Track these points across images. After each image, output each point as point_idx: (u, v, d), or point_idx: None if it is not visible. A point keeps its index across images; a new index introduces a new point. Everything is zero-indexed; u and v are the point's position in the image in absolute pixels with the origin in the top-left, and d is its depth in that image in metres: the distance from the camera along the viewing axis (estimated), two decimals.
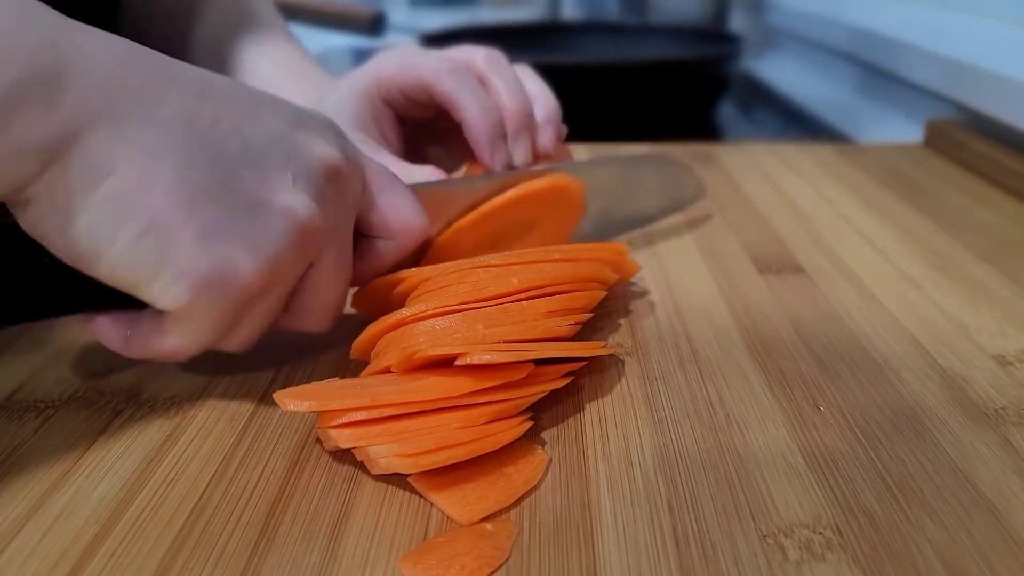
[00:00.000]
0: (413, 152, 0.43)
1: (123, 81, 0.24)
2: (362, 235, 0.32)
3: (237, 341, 0.28)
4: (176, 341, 0.27)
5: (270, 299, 0.28)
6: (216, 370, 0.32)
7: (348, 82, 0.42)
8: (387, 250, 0.32)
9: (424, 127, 0.44)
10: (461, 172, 0.44)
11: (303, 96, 0.43)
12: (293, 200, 0.27)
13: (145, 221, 0.24)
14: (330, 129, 0.30)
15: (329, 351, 0.34)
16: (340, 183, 0.29)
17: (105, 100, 0.24)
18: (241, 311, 0.27)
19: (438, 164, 0.40)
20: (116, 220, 0.24)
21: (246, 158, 0.26)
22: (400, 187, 0.32)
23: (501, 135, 0.39)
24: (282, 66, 0.48)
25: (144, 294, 0.25)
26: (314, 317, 0.30)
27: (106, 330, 0.28)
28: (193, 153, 0.25)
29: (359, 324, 0.36)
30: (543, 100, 0.41)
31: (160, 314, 0.26)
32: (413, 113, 0.42)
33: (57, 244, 0.24)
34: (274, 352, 0.33)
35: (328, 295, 0.30)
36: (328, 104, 0.41)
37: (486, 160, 0.39)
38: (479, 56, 0.40)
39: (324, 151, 0.28)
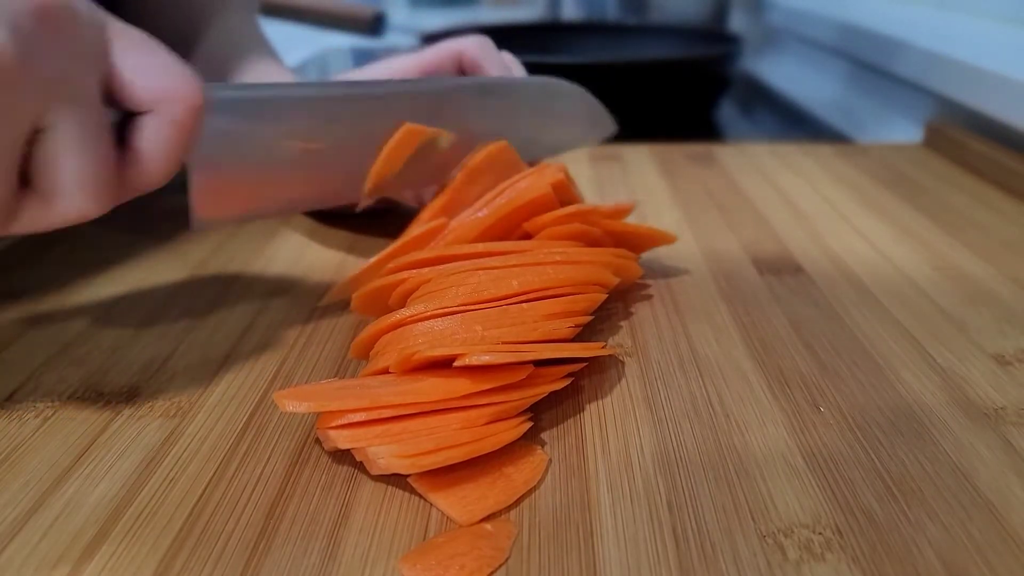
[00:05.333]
0: None
1: None
2: (128, 120, 0.28)
3: None
4: None
5: None
6: (216, 370, 0.32)
7: (359, 73, 0.43)
8: (154, 129, 0.27)
9: None
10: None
11: None
12: None
13: None
14: None
15: (329, 350, 0.34)
16: (53, 25, 0.25)
17: None
18: None
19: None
20: None
21: None
22: (154, 48, 0.28)
23: None
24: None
25: None
26: (65, 195, 0.26)
27: None
28: None
29: (359, 323, 0.36)
30: None
31: None
32: None
33: None
34: (272, 351, 0.34)
35: (74, 165, 0.26)
36: None
37: None
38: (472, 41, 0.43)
39: None
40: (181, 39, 0.50)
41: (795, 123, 0.88)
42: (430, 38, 0.92)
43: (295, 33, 1.03)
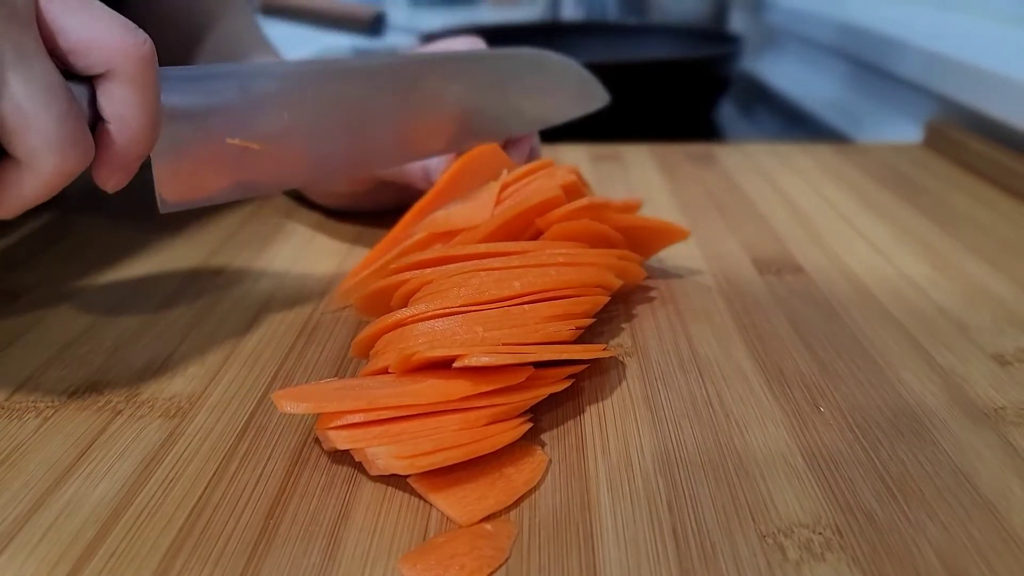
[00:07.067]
0: None
1: None
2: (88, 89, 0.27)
3: None
4: None
5: None
6: (216, 370, 0.32)
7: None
8: (115, 90, 0.27)
9: None
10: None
11: None
12: None
13: None
14: None
15: (329, 350, 0.34)
16: None
17: None
18: None
19: None
20: None
21: None
22: (95, 5, 0.27)
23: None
24: None
25: None
26: (39, 155, 0.25)
27: None
28: None
29: (360, 323, 0.36)
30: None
31: None
32: None
33: None
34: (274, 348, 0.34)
35: (39, 120, 0.25)
36: None
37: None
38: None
39: None
40: (184, 43, 0.50)
41: (795, 123, 0.88)
42: (430, 38, 0.92)
43: (295, 33, 1.03)
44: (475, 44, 0.42)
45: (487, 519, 0.24)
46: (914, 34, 0.75)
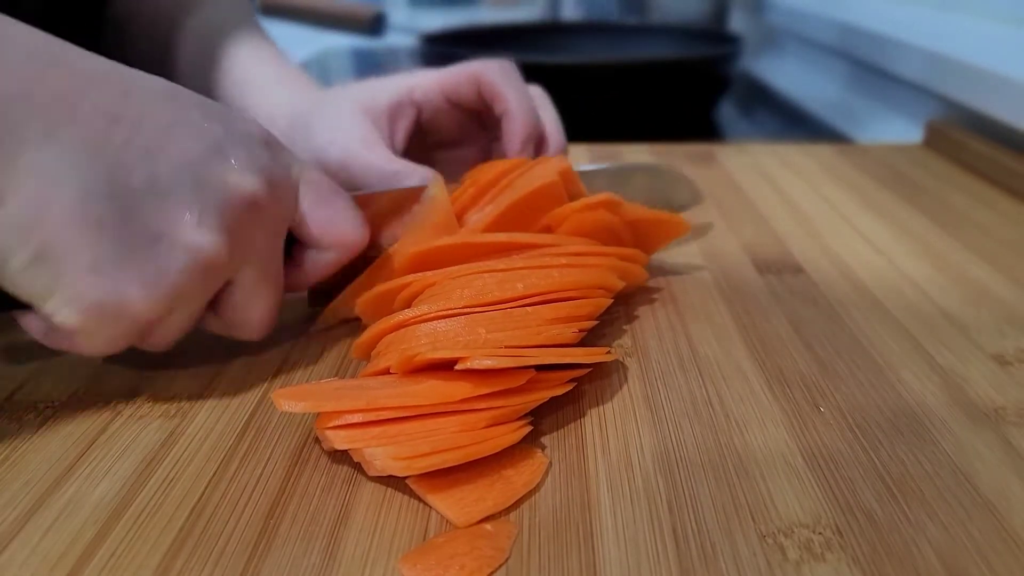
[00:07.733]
0: (420, 158, 0.44)
1: (28, 100, 0.24)
2: (300, 242, 0.32)
3: (155, 345, 0.29)
4: (85, 346, 0.27)
5: (180, 314, 0.28)
6: (216, 370, 0.32)
7: (379, 84, 0.43)
8: (323, 261, 0.32)
9: (436, 137, 0.45)
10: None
11: (292, 104, 0.44)
12: (197, 237, 0.27)
13: (37, 248, 0.24)
14: (258, 146, 0.29)
15: (329, 350, 0.34)
16: (257, 211, 0.29)
17: (6, 122, 0.24)
18: (145, 329, 0.27)
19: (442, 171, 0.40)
20: (10, 244, 0.24)
21: (150, 190, 0.26)
22: (337, 200, 0.32)
23: (535, 134, 0.40)
24: (272, 72, 0.48)
25: (40, 310, 0.26)
26: (243, 329, 0.31)
27: (31, 324, 0.28)
28: (94, 182, 0.25)
29: (360, 323, 0.36)
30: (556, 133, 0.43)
31: None
32: (439, 119, 0.43)
33: None
34: (275, 346, 0.34)
35: (254, 310, 0.30)
36: (343, 97, 0.42)
37: (516, 151, 0.40)
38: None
39: (241, 181, 0.28)
40: (169, 17, 0.50)
41: (795, 123, 0.88)
42: (430, 38, 0.92)
43: (295, 33, 1.03)
44: (506, 69, 0.42)
45: (486, 519, 0.24)
46: (914, 34, 0.75)
